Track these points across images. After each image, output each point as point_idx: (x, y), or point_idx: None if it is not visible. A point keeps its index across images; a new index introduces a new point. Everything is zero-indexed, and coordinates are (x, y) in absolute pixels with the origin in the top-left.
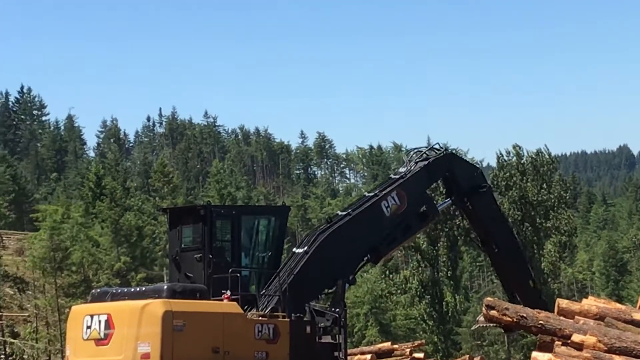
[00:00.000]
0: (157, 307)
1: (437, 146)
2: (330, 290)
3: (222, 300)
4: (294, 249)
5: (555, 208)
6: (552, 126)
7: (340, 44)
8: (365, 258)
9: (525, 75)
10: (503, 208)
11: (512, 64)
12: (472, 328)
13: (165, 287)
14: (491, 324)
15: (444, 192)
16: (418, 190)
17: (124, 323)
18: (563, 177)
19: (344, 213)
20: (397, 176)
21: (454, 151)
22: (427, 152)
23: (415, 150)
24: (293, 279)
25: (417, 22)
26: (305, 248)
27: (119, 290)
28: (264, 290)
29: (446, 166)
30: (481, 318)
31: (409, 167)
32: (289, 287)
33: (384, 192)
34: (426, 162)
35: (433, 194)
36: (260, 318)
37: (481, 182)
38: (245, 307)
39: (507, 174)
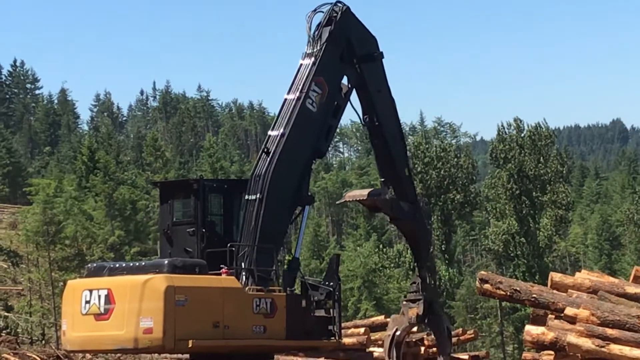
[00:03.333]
0: (159, 282)
1: (335, 3)
2: (297, 214)
3: (220, 274)
4: (246, 196)
5: (552, 182)
6: (545, 100)
7: None
8: (312, 163)
9: (517, 48)
10: (502, 181)
11: (504, 36)
12: (337, 202)
13: (166, 262)
14: (355, 200)
15: None
16: (332, 67)
17: (125, 298)
18: (560, 151)
19: (277, 133)
20: (308, 62)
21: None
22: (327, 13)
23: (316, 12)
24: (261, 229)
25: None
26: (258, 195)
27: (117, 265)
28: (239, 254)
29: (347, 28)
30: (348, 194)
31: (314, 45)
32: (259, 238)
33: (304, 91)
34: (329, 31)
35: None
36: (257, 292)
37: (375, 48)
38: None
39: (507, 146)
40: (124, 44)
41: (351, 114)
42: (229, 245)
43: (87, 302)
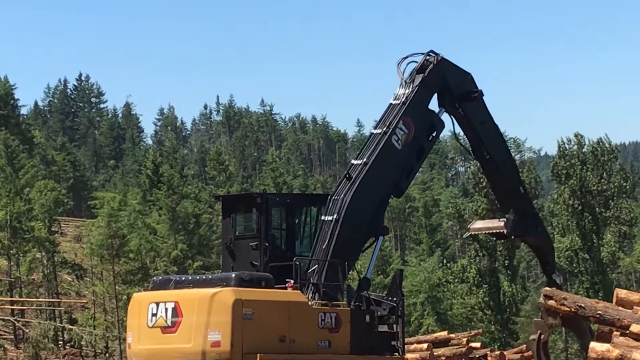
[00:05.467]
0: (227, 295)
1: (428, 53)
2: (368, 245)
3: (285, 288)
4: (323, 217)
5: (615, 198)
6: (610, 115)
7: (397, 31)
8: (390, 198)
9: (581, 63)
10: (563, 197)
11: (567, 52)
12: (464, 236)
13: (234, 275)
14: (482, 232)
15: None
16: (421, 110)
17: (193, 311)
18: (623, 166)
19: (360, 162)
20: (398, 102)
21: (444, 56)
22: (421, 61)
23: (408, 61)
24: (333, 249)
25: (473, 5)
26: (335, 216)
27: (183, 278)
28: (309, 270)
29: (441, 75)
30: (473, 226)
31: (406, 87)
32: (331, 258)
33: (391, 127)
34: (422, 77)
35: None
36: (322, 307)
37: (472, 87)
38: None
39: (568, 163)
40: (188, 58)
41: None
42: (294, 259)
43: (154, 315)
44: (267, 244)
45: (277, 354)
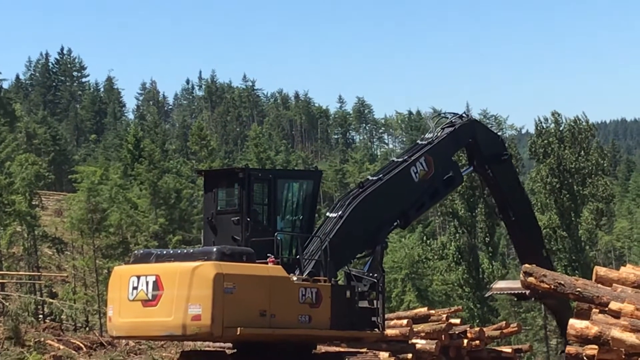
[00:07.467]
0: (208, 269)
1: (462, 113)
2: (361, 255)
3: (267, 263)
4: (328, 213)
5: (593, 175)
6: (592, 93)
7: (379, 8)
8: (395, 223)
9: (564, 41)
10: (541, 175)
11: (550, 30)
12: (485, 295)
13: (215, 249)
14: (503, 293)
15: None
16: (445, 156)
17: (174, 284)
18: (601, 144)
19: (375, 178)
20: (425, 142)
21: (477, 119)
22: (452, 119)
23: (441, 116)
24: (329, 243)
25: None
26: (340, 212)
27: (164, 252)
28: (299, 255)
29: (471, 133)
30: (495, 285)
31: (435, 133)
32: (324, 251)
33: (412, 158)
34: (452, 129)
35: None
36: (303, 282)
37: (502, 150)
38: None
39: (545, 141)
40: (170, 33)
41: (396, 106)
42: (276, 234)
43: (135, 288)
44: (249, 219)
45: (257, 328)
